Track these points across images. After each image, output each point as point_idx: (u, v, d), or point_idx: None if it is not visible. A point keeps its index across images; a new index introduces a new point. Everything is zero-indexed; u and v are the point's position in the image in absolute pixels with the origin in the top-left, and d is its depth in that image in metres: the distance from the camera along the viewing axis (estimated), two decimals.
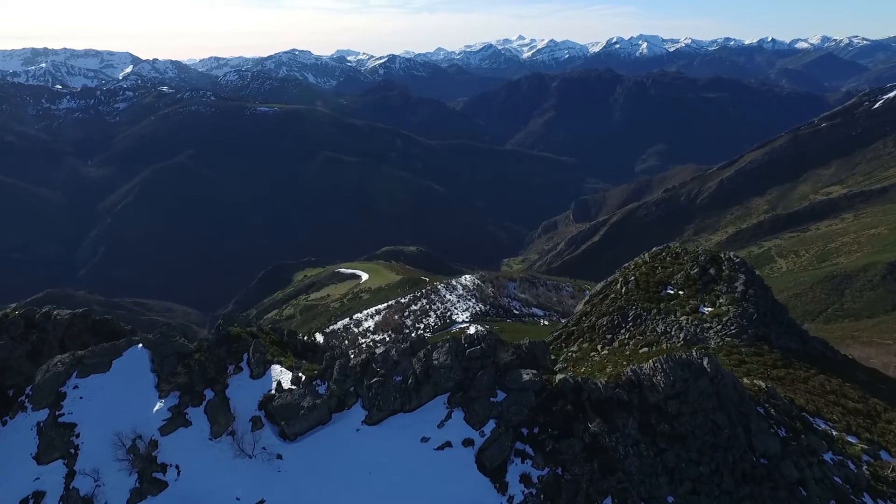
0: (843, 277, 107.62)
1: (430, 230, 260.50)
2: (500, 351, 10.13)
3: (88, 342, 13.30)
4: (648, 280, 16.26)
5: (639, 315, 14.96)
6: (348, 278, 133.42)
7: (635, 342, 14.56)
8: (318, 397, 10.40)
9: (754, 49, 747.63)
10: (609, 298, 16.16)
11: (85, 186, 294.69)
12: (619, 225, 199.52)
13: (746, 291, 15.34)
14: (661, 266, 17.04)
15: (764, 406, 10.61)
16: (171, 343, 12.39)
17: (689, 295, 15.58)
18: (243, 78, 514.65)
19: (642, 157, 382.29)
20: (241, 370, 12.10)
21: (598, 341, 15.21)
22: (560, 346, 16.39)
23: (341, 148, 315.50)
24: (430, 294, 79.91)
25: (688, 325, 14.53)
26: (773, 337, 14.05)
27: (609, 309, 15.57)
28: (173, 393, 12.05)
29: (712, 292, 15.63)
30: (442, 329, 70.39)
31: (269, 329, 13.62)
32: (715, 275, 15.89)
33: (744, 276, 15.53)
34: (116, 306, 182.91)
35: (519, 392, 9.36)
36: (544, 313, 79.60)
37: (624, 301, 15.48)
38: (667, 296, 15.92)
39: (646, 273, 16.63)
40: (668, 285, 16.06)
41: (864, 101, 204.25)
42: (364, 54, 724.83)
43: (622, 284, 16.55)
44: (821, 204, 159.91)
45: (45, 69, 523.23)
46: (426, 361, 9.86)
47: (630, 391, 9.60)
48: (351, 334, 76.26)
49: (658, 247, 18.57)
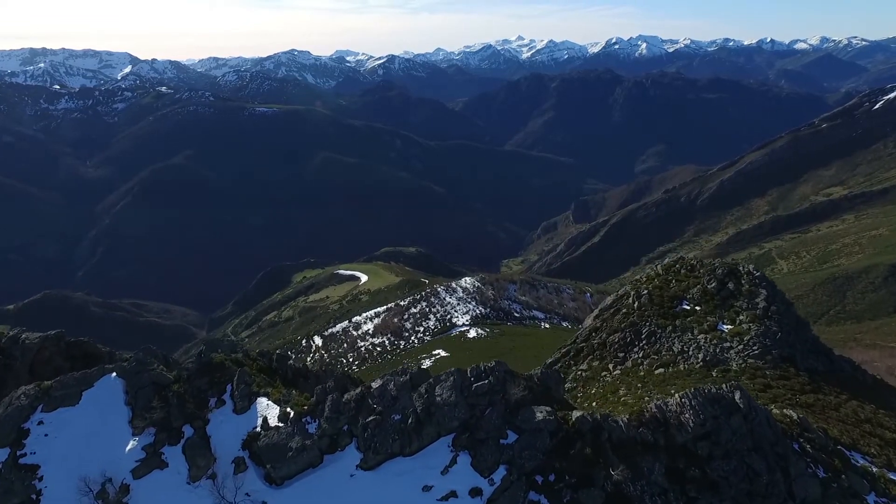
0: (845, 279, 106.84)
1: (429, 231, 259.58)
2: (510, 385, 9.12)
3: (61, 367, 12.22)
4: (662, 294, 15.18)
5: (653, 332, 13.92)
6: (347, 280, 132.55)
7: (650, 362, 13.54)
8: (308, 437, 9.38)
9: (753, 50, 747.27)
10: (621, 313, 15.09)
11: (83, 187, 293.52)
12: (619, 226, 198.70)
13: (769, 308, 14.32)
14: (675, 279, 15.95)
15: (798, 441, 9.65)
16: (147, 372, 11.26)
17: (707, 311, 14.53)
18: (242, 78, 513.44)
19: (642, 157, 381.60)
20: (224, 403, 10.99)
21: (610, 359, 14.18)
22: (569, 364, 15.35)
23: (340, 148, 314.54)
24: (429, 297, 78.98)
25: (706, 344, 13.50)
26: (799, 358, 13.04)
27: (621, 325, 14.51)
28: (148, 430, 10.81)
29: (731, 308, 14.57)
30: (442, 332, 69.51)
31: (255, 355, 12.53)
32: (734, 289, 14.82)
33: (765, 291, 14.49)
34: (114, 307, 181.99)
35: (532, 433, 8.38)
36: (545, 316, 78.71)
37: (637, 317, 14.42)
38: (682, 312, 14.86)
39: (659, 287, 15.55)
40: (684, 300, 15.00)
41: (865, 102, 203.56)
42: (363, 55, 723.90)
43: (634, 299, 15.55)
44: (821, 205, 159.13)
45: (43, 69, 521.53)
46: (428, 398, 8.86)
47: (655, 430, 8.63)
48: (350, 337, 75.33)
49: (671, 258, 17.39)
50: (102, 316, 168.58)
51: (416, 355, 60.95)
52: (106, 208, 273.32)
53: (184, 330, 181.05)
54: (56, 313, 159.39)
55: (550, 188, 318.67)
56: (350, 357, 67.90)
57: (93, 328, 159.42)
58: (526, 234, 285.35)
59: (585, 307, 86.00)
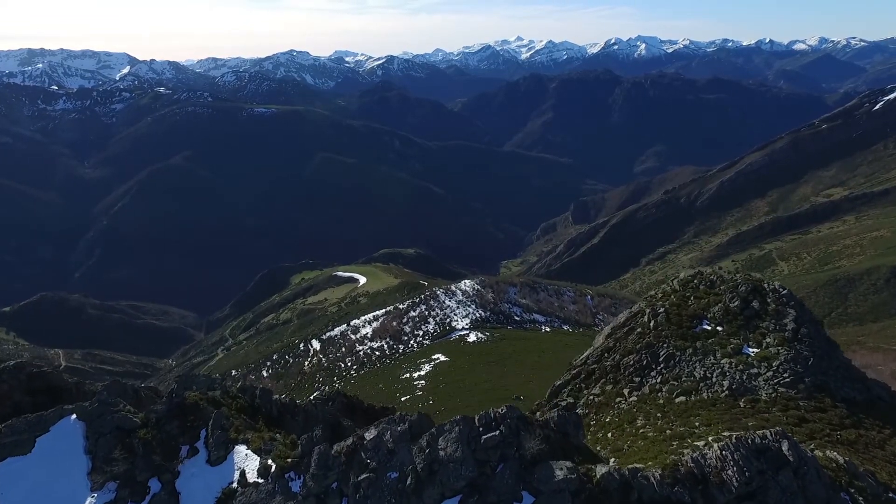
0: (847, 281, 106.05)
1: (428, 232, 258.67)
2: (525, 437, 7.98)
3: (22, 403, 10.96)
4: (681, 313, 13.94)
5: (671, 355, 12.76)
6: (346, 282, 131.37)
7: (669, 388, 12.39)
8: (292, 496, 8.18)
9: (752, 50, 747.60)
10: (635, 333, 13.89)
11: (81, 188, 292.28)
12: (618, 227, 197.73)
13: (798, 330, 13.15)
14: (693, 296, 14.76)
15: (848, 492, 8.55)
16: (111, 414, 9.90)
17: (730, 332, 13.31)
18: (241, 79, 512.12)
19: (641, 158, 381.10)
20: (197, 452, 9.67)
21: (625, 384, 13.03)
22: (579, 387, 14.15)
23: (339, 149, 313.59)
24: (428, 300, 77.87)
25: (731, 369, 12.29)
26: (833, 385, 11.80)
27: (636, 346, 13.32)
28: (109, 484, 9.56)
29: (757, 330, 13.30)
30: (441, 336, 68.45)
31: (236, 392, 11.21)
32: (759, 308, 13.58)
33: (793, 311, 13.29)
34: (112, 309, 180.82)
35: (552, 496, 7.25)
36: (546, 319, 77.69)
37: (653, 337, 13.26)
38: (703, 332, 13.61)
39: (677, 304, 14.33)
40: (704, 319, 13.74)
41: (865, 103, 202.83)
42: (362, 55, 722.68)
43: (650, 317, 14.34)
44: (822, 206, 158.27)
45: (41, 70, 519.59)
46: (430, 452, 7.69)
47: (693, 489, 7.51)
48: (348, 341, 74.23)
49: (689, 272, 16.13)
50: (100, 318, 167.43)
51: (415, 360, 59.83)
52: (104, 209, 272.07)
53: (181, 332, 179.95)
54: (52, 315, 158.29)
55: (549, 189, 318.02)
56: (348, 361, 66.79)
57: (90, 330, 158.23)
58: (525, 235, 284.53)
59: (586, 310, 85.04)
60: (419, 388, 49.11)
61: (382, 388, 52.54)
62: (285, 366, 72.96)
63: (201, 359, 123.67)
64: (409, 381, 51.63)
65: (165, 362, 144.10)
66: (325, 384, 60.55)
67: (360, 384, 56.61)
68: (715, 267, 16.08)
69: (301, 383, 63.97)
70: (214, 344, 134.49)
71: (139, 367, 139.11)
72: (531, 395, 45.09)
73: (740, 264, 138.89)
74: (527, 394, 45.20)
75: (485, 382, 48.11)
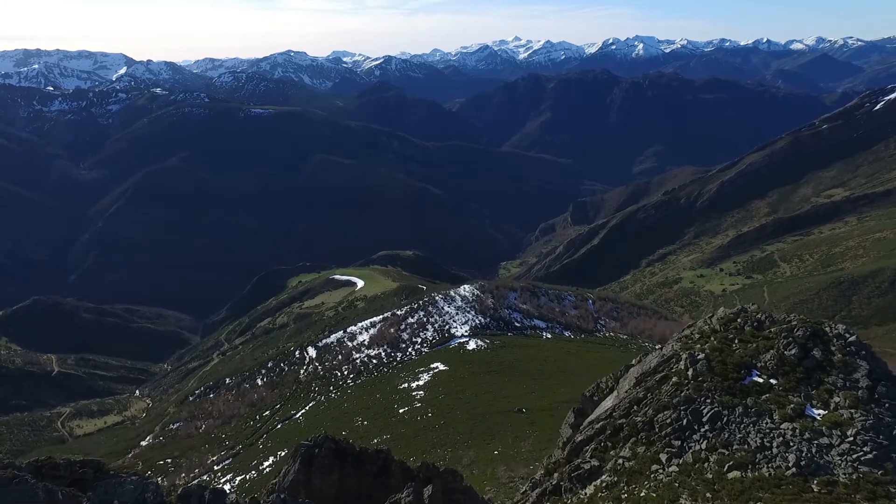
0: (851, 283, 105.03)
1: (427, 233, 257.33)
2: None
3: None
4: (725, 360, 11.89)
5: (717, 414, 10.38)
6: (343, 285, 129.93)
7: (718, 459, 10.15)
8: None
9: (750, 50, 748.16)
10: (670, 383, 11.87)
11: (76, 189, 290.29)
12: (618, 228, 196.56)
13: (874, 388, 10.90)
14: (738, 339, 12.60)
15: None
16: None
17: (787, 387, 11.28)
18: (238, 79, 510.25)
19: (640, 158, 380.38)
20: None
21: (661, 447, 10.68)
22: (605, 446, 11.72)
23: (337, 150, 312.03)
24: (427, 306, 76.44)
25: (795, 438, 10.29)
26: None
27: (672, 399, 10.92)
28: None
29: (822, 385, 11.21)
30: (440, 344, 67.01)
31: (176, 499, 8.77)
32: (822, 358, 11.54)
33: (865, 364, 11.31)
34: (106, 313, 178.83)
35: None
36: (547, 325, 76.36)
37: (692, 389, 10.93)
38: (754, 386, 11.53)
39: (719, 349, 12.30)
40: (754, 370, 11.66)
41: (865, 103, 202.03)
42: (360, 55, 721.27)
43: (687, 364, 12.16)
44: (823, 207, 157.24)
45: (37, 71, 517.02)
46: None
47: None
48: (345, 349, 72.74)
49: (730, 309, 13.93)
50: (94, 322, 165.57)
51: (413, 368, 58.42)
52: (99, 211, 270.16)
53: (177, 336, 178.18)
54: (45, 320, 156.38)
55: (548, 189, 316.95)
56: (345, 370, 65.33)
57: (84, 335, 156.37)
58: (524, 236, 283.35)
59: (588, 315, 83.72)
60: (418, 400, 47.76)
61: (380, 399, 51.18)
62: (280, 374, 71.50)
63: (196, 363, 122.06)
64: (408, 392, 50.26)
65: (161, 367, 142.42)
66: (321, 394, 59.11)
67: (356, 394, 55.23)
68: (759, 305, 13.67)
69: (296, 392, 62.53)
70: (210, 348, 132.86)
71: (133, 371, 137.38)
72: (533, 407, 43.78)
73: (741, 266, 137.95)
74: (529, 406, 43.89)
75: (485, 394, 46.81)
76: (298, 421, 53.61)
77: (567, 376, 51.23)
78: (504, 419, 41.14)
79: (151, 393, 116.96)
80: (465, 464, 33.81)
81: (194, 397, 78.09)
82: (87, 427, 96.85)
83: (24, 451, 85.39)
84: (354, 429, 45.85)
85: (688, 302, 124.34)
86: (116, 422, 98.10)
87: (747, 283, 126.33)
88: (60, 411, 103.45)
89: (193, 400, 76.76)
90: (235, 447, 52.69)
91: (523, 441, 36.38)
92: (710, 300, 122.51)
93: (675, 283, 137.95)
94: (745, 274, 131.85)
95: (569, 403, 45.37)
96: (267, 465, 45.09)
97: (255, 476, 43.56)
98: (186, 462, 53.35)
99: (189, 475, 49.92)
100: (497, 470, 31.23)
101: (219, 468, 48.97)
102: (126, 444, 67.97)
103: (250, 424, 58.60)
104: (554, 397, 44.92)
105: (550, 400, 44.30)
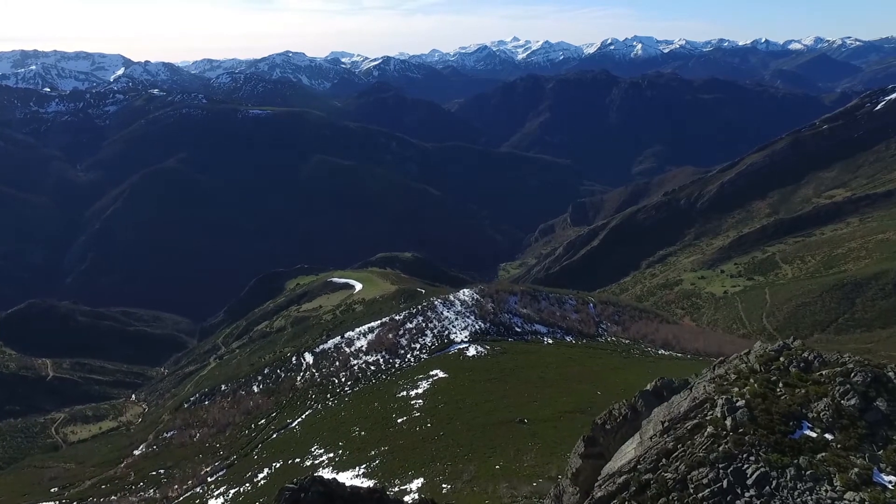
0: (854, 285, 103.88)
1: (426, 234, 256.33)
2: None
3: None
4: (769, 408, 9.77)
5: (765, 476, 8.76)
6: (341, 288, 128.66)
7: None
8: None
9: (748, 50, 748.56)
10: (705, 433, 9.81)
11: (73, 191, 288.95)
12: (618, 229, 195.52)
13: None
14: (782, 382, 10.43)
15: None
16: None
17: (847, 445, 9.19)
18: (236, 80, 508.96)
19: (639, 158, 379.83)
20: None
21: None
22: None
23: (335, 151, 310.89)
24: (426, 311, 75.28)
25: None
26: None
27: (709, 454, 9.32)
28: None
29: (890, 445, 9.15)
30: (439, 350, 65.85)
31: None
32: (888, 411, 9.45)
33: None
34: (102, 316, 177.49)
35: None
36: (548, 330, 75.23)
37: (732, 443, 8.58)
38: (806, 442, 9.35)
39: (761, 394, 10.13)
40: (805, 421, 9.58)
41: (866, 103, 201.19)
42: (358, 56, 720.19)
43: (725, 411, 9.97)
44: (825, 208, 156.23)
45: (34, 72, 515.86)
46: None
47: None
48: (342, 355, 71.57)
49: (771, 346, 11.61)
50: (90, 325, 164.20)
51: (412, 376, 57.23)
52: (96, 213, 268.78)
53: (174, 339, 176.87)
54: (41, 323, 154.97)
55: (547, 190, 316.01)
56: (342, 377, 64.12)
57: (80, 338, 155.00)
58: (523, 237, 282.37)
59: (589, 319, 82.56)
60: (416, 409, 46.58)
61: (378, 408, 49.98)
62: (277, 380, 70.29)
63: (193, 367, 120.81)
64: (406, 401, 49.07)
65: (157, 370, 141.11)
66: (318, 402, 57.90)
67: (354, 402, 54.03)
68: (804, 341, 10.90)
69: (293, 400, 61.32)
70: (207, 352, 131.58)
71: (130, 375, 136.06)
72: (535, 417, 42.59)
73: (743, 267, 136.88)
74: (530, 416, 42.72)
75: (486, 403, 45.63)
76: (294, 430, 52.40)
77: (569, 384, 50.09)
78: (505, 430, 39.97)
79: (147, 397, 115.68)
80: (465, 479, 32.63)
81: (189, 404, 76.85)
82: (81, 433, 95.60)
83: (17, 459, 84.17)
84: (351, 439, 44.69)
85: (689, 304, 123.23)
86: (111, 427, 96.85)
87: (749, 284, 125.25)
88: (55, 417, 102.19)
89: (188, 407, 75.52)
90: (230, 457, 51.48)
91: (525, 454, 35.20)
92: (711, 302, 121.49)
93: (676, 284, 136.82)
94: (747, 276, 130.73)
95: (571, 413, 44.32)
96: (262, 478, 43.89)
97: (249, 489, 42.35)
98: (180, 473, 52.12)
99: (182, 487, 48.70)
100: (499, 487, 30.04)
101: (212, 480, 47.76)
102: (119, 453, 66.72)
103: (245, 433, 57.38)
104: (556, 407, 43.77)
105: (553, 409, 43.14)
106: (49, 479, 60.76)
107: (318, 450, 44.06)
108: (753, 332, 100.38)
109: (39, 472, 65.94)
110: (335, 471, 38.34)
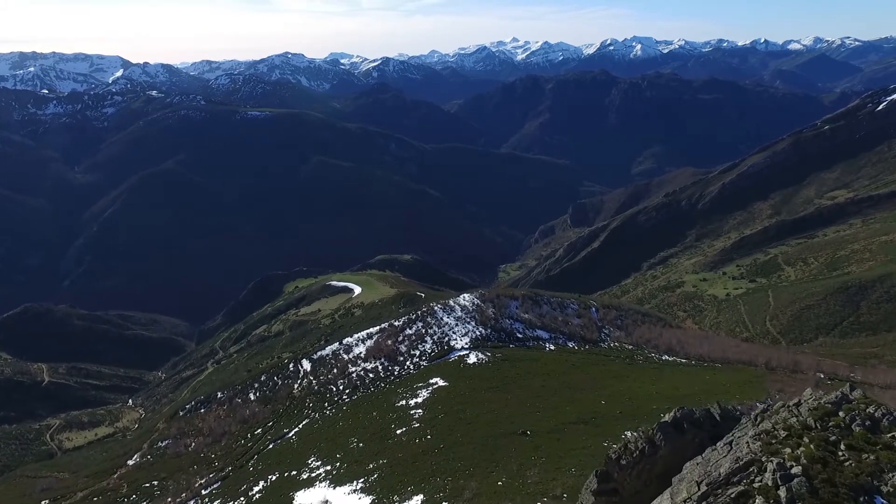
0: (858, 288, 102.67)
1: (425, 235, 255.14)
2: None
3: None
4: (832, 478, 7.87)
5: None
6: (340, 291, 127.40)
7: None
8: None
9: (747, 50, 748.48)
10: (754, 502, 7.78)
11: (71, 193, 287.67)
12: (619, 231, 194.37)
13: None
14: (845, 443, 8.59)
15: None
16: None
17: None
18: (235, 81, 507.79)
19: (639, 159, 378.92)
20: None
21: None
22: None
23: (335, 152, 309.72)
24: (426, 316, 73.99)
25: None
26: None
27: None
28: None
29: None
30: (439, 357, 64.60)
31: None
32: None
33: None
34: (99, 320, 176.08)
35: None
36: (549, 336, 73.92)
37: None
38: None
39: (820, 459, 8.20)
40: (878, 496, 7.71)
41: (868, 104, 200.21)
42: (357, 57, 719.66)
43: (777, 479, 8.01)
44: (827, 209, 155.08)
45: (33, 73, 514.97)
46: None
47: None
48: (340, 362, 70.34)
49: (826, 397, 9.73)
50: (86, 329, 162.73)
51: (411, 384, 55.93)
52: (94, 215, 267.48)
53: (172, 342, 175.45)
54: (37, 327, 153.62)
55: (547, 190, 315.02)
56: (340, 384, 62.84)
57: (76, 343, 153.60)
58: (523, 238, 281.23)
59: (591, 324, 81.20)
60: (416, 419, 45.25)
61: (376, 418, 48.66)
62: (274, 388, 69.02)
63: (191, 372, 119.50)
64: (405, 410, 47.74)
65: (154, 375, 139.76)
66: (315, 411, 56.61)
67: (352, 412, 52.74)
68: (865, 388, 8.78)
69: (290, 409, 60.02)
70: (205, 356, 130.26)
71: (126, 380, 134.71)
72: (538, 428, 41.24)
73: (745, 269, 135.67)
74: (533, 427, 41.39)
75: (487, 413, 44.28)
76: (291, 441, 51.10)
77: (572, 392, 48.78)
78: (507, 443, 38.62)
79: (144, 402, 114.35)
80: (466, 497, 31.32)
81: (185, 412, 75.58)
82: (76, 440, 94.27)
83: (10, 467, 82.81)
84: (349, 451, 43.37)
85: (691, 307, 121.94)
86: (107, 434, 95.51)
87: (751, 287, 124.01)
88: (50, 423, 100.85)
89: (184, 415, 74.25)
90: (225, 469, 50.18)
91: (528, 469, 33.88)
92: (713, 304, 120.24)
93: (678, 286, 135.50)
94: (749, 278, 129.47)
95: (575, 424, 42.93)
96: (257, 491, 42.56)
97: (243, 503, 41.03)
98: (174, 485, 50.84)
99: (175, 500, 47.40)
100: None
101: (206, 492, 46.46)
102: (113, 463, 65.42)
103: (241, 443, 56.10)
104: (559, 417, 42.42)
105: (556, 420, 41.79)
106: (41, 490, 59.43)
107: (315, 462, 42.76)
108: (757, 335, 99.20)
109: (31, 482, 64.58)
110: (332, 485, 37.07)
